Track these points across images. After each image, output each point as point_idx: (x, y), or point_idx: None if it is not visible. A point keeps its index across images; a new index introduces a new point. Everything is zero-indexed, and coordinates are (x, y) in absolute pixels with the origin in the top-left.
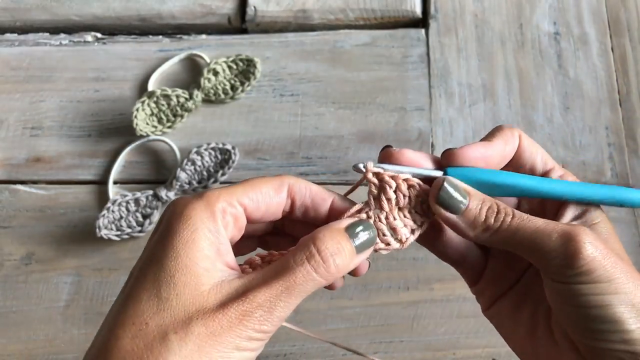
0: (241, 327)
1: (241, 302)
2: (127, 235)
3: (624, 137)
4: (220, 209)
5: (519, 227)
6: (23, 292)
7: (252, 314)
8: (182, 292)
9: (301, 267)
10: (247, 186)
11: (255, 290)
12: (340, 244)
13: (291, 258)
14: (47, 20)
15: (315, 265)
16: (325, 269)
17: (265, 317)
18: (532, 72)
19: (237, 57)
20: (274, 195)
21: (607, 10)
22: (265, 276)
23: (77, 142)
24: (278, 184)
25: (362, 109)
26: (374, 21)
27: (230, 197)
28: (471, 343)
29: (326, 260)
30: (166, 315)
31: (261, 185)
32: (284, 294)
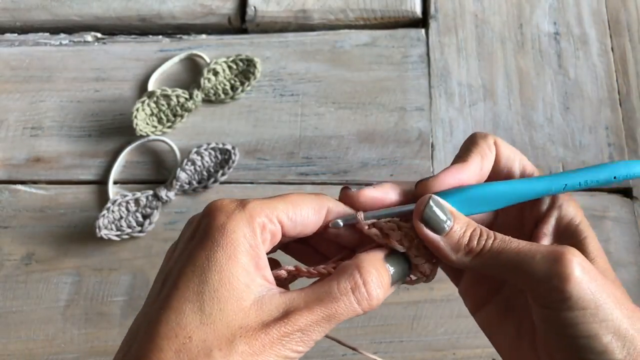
0: (280, 347)
1: (283, 324)
2: (127, 235)
3: (624, 137)
4: (261, 224)
5: (501, 249)
6: (23, 292)
7: (292, 336)
8: (225, 307)
9: (345, 297)
10: (289, 204)
11: (297, 313)
12: (381, 276)
13: (335, 285)
14: (47, 20)
15: (360, 297)
16: (368, 302)
17: (302, 340)
18: (532, 72)
19: (237, 57)
20: (313, 216)
21: (607, 10)
22: (307, 299)
23: (77, 142)
24: (318, 206)
25: (362, 109)
26: (374, 21)
27: (272, 212)
28: (471, 343)
29: (370, 294)
30: (209, 330)
31: (302, 205)
32: (324, 320)
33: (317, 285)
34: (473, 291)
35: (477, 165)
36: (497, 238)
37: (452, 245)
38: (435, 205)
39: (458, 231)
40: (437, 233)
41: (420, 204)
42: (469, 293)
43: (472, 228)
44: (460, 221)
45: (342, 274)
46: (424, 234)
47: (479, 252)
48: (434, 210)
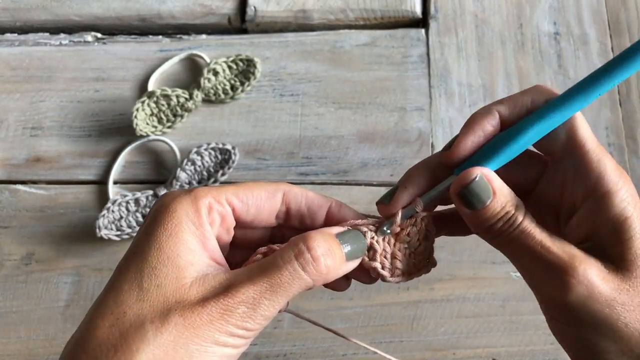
0: (222, 322)
1: (223, 297)
2: (127, 235)
3: (624, 137)
4: (206, 204)
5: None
6: (23, 292)
7: (234, 309)
8: (163, 283)
9: (289, 264)
10: (239, 187)
11: (239, 286)
12: (332, 247)
13: (279, 255)
14: (47, 20)
15: (304, 262)
16: (315, 268)
17: (248, 314)
18: (532, 72)
19: (237, 57)
20: (266, 199)
21: (607, 10)
22: (251, 272)
23: (77, 142)
24: (273, 189)
25: (362, 109)
26: (374, 21)
27: (219, 194)
28: (471, 343)
29: (316, 259)
30: (145, 305)
31: (253, 188)
32: (269, 291)
33: (264, 259)
34: None
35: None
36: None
37: (476, 222)
38: (477, 185)
39: (489, 212)
40: (470, 209)
41: (463, 180)
42: None
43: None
44: (497, 201)
45: (287, 244)
46: (459, 208)
47: (499, 236)
48: (474, 190)
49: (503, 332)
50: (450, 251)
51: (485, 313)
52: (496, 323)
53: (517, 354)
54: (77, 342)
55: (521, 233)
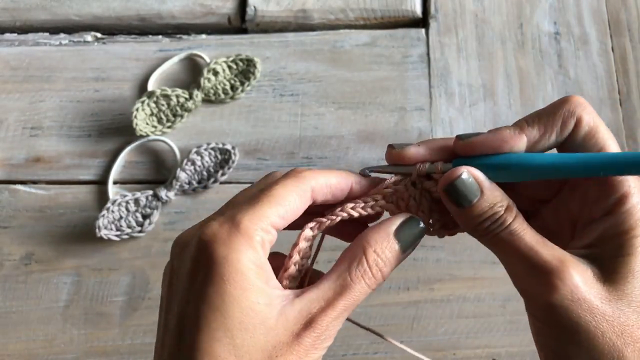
0: (314, 351)
1: (312, 331)
2: (127, 235)
3: (624, 137)
4: (260, 241)
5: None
6: (23, 292)
7: (322, 337)
8: (254, 334)
9: (358, 285)
10: (274, 204)
11: (322, 314)
12: (387, 255)
13: (348, 275)
14: (47, 20)
15: (369, 281)
16: (376, 282)
17: (330, 336)
18: (533, 72)
19: (237, 57)
20: (300, 204)
21: (608, 10)
22: (326, 297)
23: (77, 142)
24: (302, 190)
25: (362, 109)
26: (374, 21)
27: (265, 223)
28: (471, 343)
29: (376, 275)
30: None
31: (287, 197)
32: (346, 312)
33: (331, 279)
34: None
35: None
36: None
37: (465, 220)
38: (461, 185)
39: (476, 211)
40: (456, 206)
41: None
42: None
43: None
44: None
45: (351, 259)
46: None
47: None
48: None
49: (503, 332)
50: (450, 251)
51: (485, 313)
52: (496, 323)
53: (517, 354)
54: None
55: (510, 234)
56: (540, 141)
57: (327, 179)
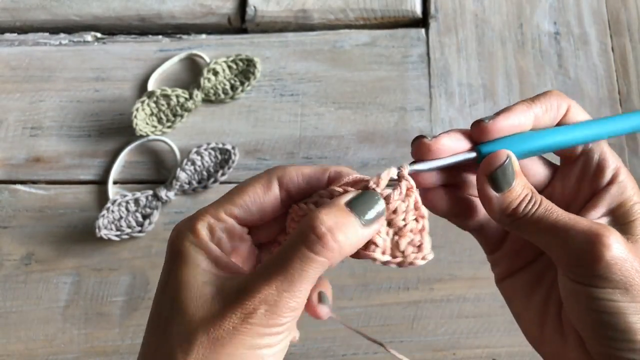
0: (246, 326)
1: (241, 303)
2: (127, 235)
3: (624, 137)
4: (206, 227)
5: (542, 217)
6: (23, 292)
7: (256, 311)
8: (186, 307)
9: (297, 251)
10: (233, 194)
11: (253, 286)
12: (339, 218)
13: (287, 244)
14: (47, 20)
15: (311, 245)
16: (323, 246)
17: (272, 311)
18: (533, 72)
19: (237, 57)
20: (263, 193)
21: (608, 10)
22: (264, 270)
23: (77, 142)
24: (265, 181)
25: (362, 109)
26: (374, 21)
27: (216, 211)
28: (471, 343)
29: (322, 237)
30: (172, 337)
31: (247, 188)
32: (286, 283)
33: (274, 252)
34: (507, 260)
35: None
36: (541, 205)
37: (502, 205)
38: (507, 168)
39: (514, 194)
40: (497, 191)
41: (496, 161)
42: (503, 260)
43: (526, 193)
44: (519, 183)
45: (294, 231)
46: (483, 189)
47: (522, 217)
48: (506, 171)
49: (503, 332)
50: (450, 251)
51: (485, 313)
52: (496, 323)
53: (517, 354)
54: None
55: (547, 211)
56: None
57: (299, 168)
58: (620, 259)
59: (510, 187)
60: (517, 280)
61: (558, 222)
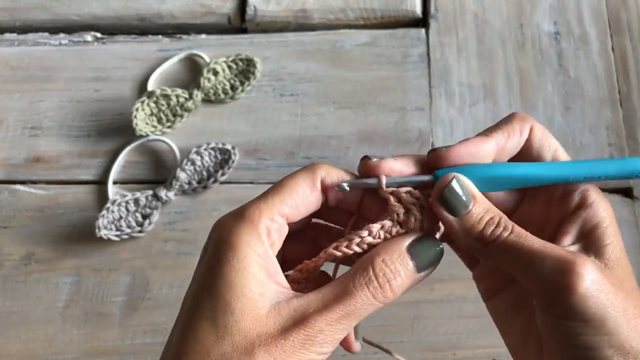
0: (303, 351)
1: (302, 328)
2: (126, 235)
3: (625, 137)
4: (265, 229)
5: (513, 244)
6: (23, 292)
7: (314, 339)
8: (240, 319)
9: (361, 292)
10: (284, 193)
11: (316, 315)
12: (397, 268)
13: (351, 282)
14: (47, 20)
15: (374, 291)
16: (383, 294)
17: (325, 340)
18: (533, 72)
19: (237, 57)
20: (310, 193)
21: (608, 9)
22: (324, 299)
23: (77, 142)
24: (311, 179)
25: (362, 109)
26: (374, 21)
27: (271, 211)
28: (471, 343)
29: (382, 286)
30: (227, 343)
31: (296, 187)
32: (344, 318)
33: (334, 284)
34: (488, 278)
35: (499, 143)
36: (513, 232)
37: (465, 229)
38: (457, 186)
39: (475, 215)
40: (453, 214)
41: (442, 183)
42: (484, 279)
43: (490, 215)
44: (479, 206)
45: (357, 269)
46: (439, 213)
47: (491, 242)
48: (455, 192)
49: None
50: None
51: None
52: None
53: None
54: None
55: (518, 237)
56: (506, 145)
57: (340, 172)
58: (595, 291)
59: (467, 209)
60: (499, 302)
61: (530, 250)
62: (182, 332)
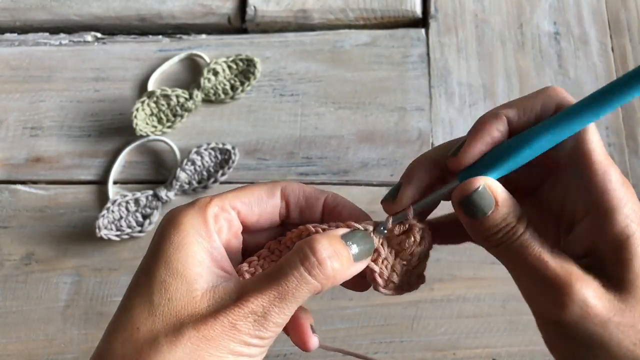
0: (234, 332)
1: (233, 308)
2: (127, 235)
3: (624, 137)
4: (212, 213)
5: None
6: (23, 292)
7: (245, 319)
8: (173, 297)
9: (295, 270)
10: (239, 191)
11: (248, 295)
12: (337, 248)
13: (285, 262)
14: (47, 20)
15: (310, 267)
16: (321, 271)
17: (259, 323)
18: (532, 72)
19: (237, 57)
20: (267, 198)
21: (607, 10)
22: (259, 281)
23: (77, 142)
24: (270, 187)
25: (362, 109)
26: (374, 21)
27: (222, 201)
28: (471, 343)
29: (322, 262)
30: (157, 320)
31: (253, 189)
32: (278, 299)
33: (271, 267)
34: None
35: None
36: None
37: (477, 231)
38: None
39: (491, 221)
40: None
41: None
42: None
43: (507, 222)
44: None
45: (293, 250)
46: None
47: (497, 245)
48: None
49: (503, 332)
50: (450, 251)
51: (485, 313)
52: (496, 323)
53: (517, 354)
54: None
55: (520, 245)
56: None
57: (301, 186)
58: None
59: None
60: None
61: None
62: (119, 310)
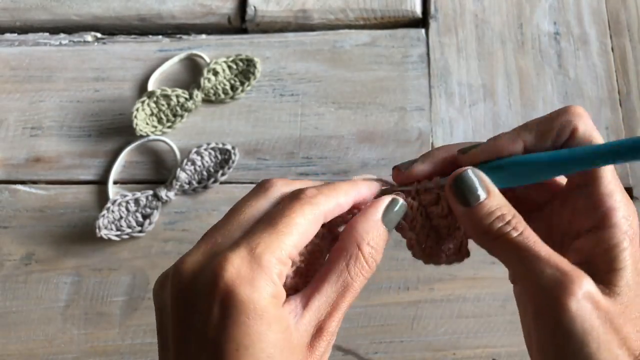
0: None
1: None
2: (127, 235)
3: (624, 137)
4: (278, 274)
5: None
6: (23, 292)
7: (331, 341)
8: (273, 354)
9: (358, 280)
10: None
11: (329, 320)
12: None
13: (347, 273)
14: (47, 20)
15: (367, 274)
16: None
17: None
18: (532, 72)
19: (237, 57)
20: (314, 231)
21: (608, 10)
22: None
23: (77, 142)
24: (316, 218)
25: (362, 109)
26: (374, 21)
27: (283, 254)
28: (471, 343)
29: (371, 266)
30: None
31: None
32: (347, 308)
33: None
34: None
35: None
36: (522, 233)
37: (473, 221)
38: (468, 179)
39: (484, 209)
40: (464, 205)
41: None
42: None
43: (502, 212)
44: (492, 200)
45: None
46: (451, 202)
47: (498, 238)
48: (466, 182)
49: (503, 332)
50: None
51: (485, 313)
52: (496, 323)
53: (517, 354)
54: None
55: (525, 238)
56: (536, 145)
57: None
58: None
59: (479, 201)
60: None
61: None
62: None
